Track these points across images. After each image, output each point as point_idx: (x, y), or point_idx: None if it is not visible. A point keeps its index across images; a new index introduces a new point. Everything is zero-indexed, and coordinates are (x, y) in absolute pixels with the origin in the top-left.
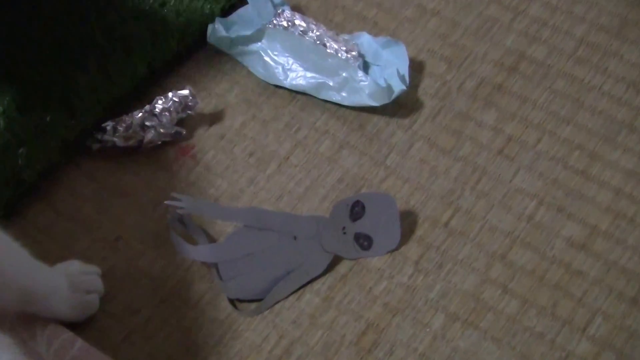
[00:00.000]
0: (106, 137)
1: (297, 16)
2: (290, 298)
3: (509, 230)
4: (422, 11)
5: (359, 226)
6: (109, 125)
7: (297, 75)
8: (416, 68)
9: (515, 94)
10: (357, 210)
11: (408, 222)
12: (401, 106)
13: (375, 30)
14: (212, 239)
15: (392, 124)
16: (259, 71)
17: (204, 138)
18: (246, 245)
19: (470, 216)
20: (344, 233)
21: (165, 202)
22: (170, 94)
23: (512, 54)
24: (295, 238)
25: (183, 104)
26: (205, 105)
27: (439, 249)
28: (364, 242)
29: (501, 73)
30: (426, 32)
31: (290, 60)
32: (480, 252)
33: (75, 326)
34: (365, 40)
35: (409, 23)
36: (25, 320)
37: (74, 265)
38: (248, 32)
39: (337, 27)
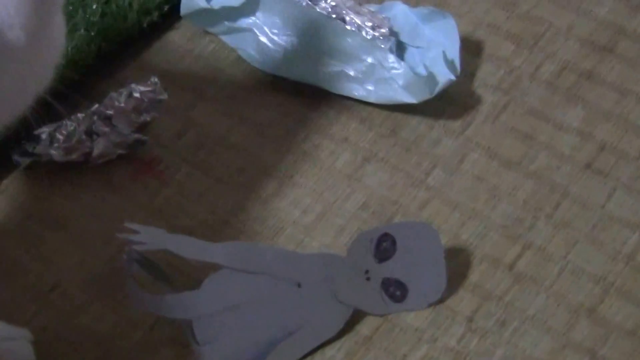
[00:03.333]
0: (40, 149)
1: None
2: None
3: (600, 274)
4: None
5: (388, 269)
6: (44, 132)
7: (305, 62)
8: (471, 50)
9: (611, 84)
10: (385, 246)
11: (457, 264)
12: (449, 103)
13: None
14: (183, 287)
15: (436, 127)
16: (252, 56)
17: (175, 149)
18: (230, 295)
19: (546, 255)
20: (368, 279)
21: (119, 234)
22: (128, 89)
23: (606, 29)
24: (299, 285)
25: (146, 102)
26: (177, 103)
27: (502, 300)
28: (396, 291)
29: (591, 56)
30: (485, 0)
31: (295, 40)
32: (558, 305)
33: None
34: (400, 12)
35: None
36: None
37: None
38: (237, 2)
39: None
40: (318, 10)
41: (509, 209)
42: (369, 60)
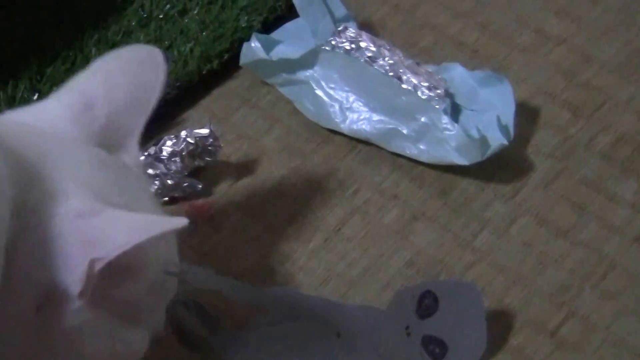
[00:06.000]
0: None
1: (364, 36)
2: None
3: None
4: (542, 38)
5: (429, 326)
6: None
7: (360, 118)
8: (527, 115)
9: None
10: (427, 303)
11: (500, 326)
12: (501, 167)
13: (475, 61)
14: (225, 329)
15: (487, 191)
16: (308, 108)
17: (228, 195)
18: (271, 340)
19: (590, 324)
20: (408, 334)
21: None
22: (184, 133)
23: None
24: (338, 335)
25: (201, 147)
26: (232, 150)
27: None
28: (436, 348)
29: None
30: (545, 67)
31: (351, 97)
32: None
33: None
34: (458, 74)
35: (523, 53)
36: None
37: None
38: (296, 55)
39: (422, 54)
40: (375, 67)
41: (555, 276)
42: (423, 119)
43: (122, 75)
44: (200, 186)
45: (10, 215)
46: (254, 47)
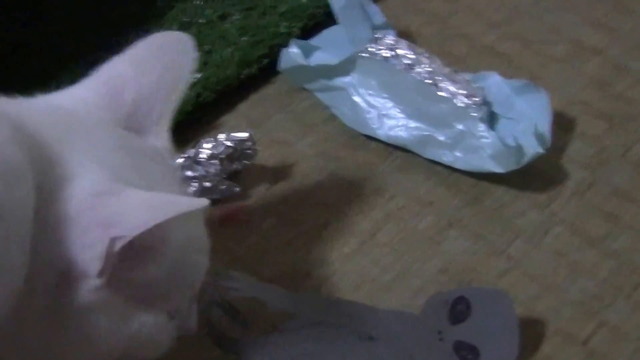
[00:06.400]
0: None
1: (402, 44)
2: None
3: None
4: (578, 48)
5: (461, 332)
6: None
7: (396, 124)
8: (562, 125)
9: None
10: (460, 309)
11: (531, 334)
12: (536, 176)
13: (510, 70)
14: (259, 331)
15: (521, 199)
16: (345, 114)
17: (263, 199)
18: (304, 343)
19: (621, 334)
20: (440, 339)
21: (213, 281)
22: (222, 137)
23: None
24: (371, 339)
25: (239, 151)
26: (269, 155)
27: None
28: (468, 354)
29: None
30: (581, 78)
31: (389, 103)
32: None
33: None
34: (495, 83)
35: (559, 64)
36: None
37: None
38: (334, 61)
39: (458, 63)
40: (413, 74)
41: (587, 286)
42: (460, 127)
43: (151, 60)
44: (237, 189)
45: (34, 197)
46: (292, 52)
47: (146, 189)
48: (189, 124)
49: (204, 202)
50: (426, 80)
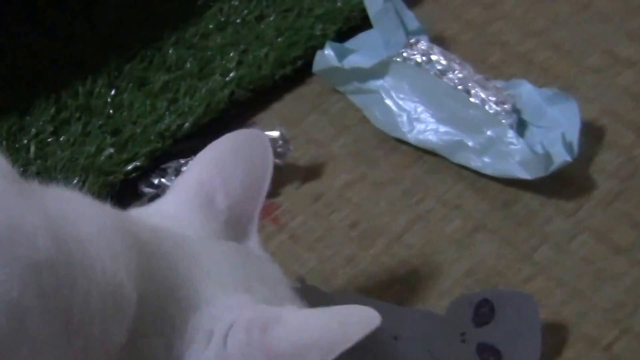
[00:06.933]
0: (164, 181)
1: (436, 50)
2: None
3: None
4: (612, 59)
5: (484, 334)
6: (170, 167)
7: (427, 128)
8: (592, 135)
9: None
10: (483, 311)
11: (554, 339)
12: (564, 184)
13: (543, 79)
14: None
15: (549, 206)
16: (376, 117)
17: (294, 197)
18: None
19: None
20: (463, 341)
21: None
22: None
23: None
24: (395, 338)
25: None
26: (301, 154)
27: None
28: (490, 356)
29: None
30: (613, 89)
31: (420, 107)
32: None
33: None
34: (526, 91)
35: (591, 74)
36: None
37: None
38: (368, 65)
39: (491, 70)
40: (445, 80)
41: (612, 293)
42: (489, 133)
43: (235, 164)
44: (270, 188)
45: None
46: (327, 54)
47: (275, 299)
48: (224, 122)
49: (376, 320)
50: (458, 87)
